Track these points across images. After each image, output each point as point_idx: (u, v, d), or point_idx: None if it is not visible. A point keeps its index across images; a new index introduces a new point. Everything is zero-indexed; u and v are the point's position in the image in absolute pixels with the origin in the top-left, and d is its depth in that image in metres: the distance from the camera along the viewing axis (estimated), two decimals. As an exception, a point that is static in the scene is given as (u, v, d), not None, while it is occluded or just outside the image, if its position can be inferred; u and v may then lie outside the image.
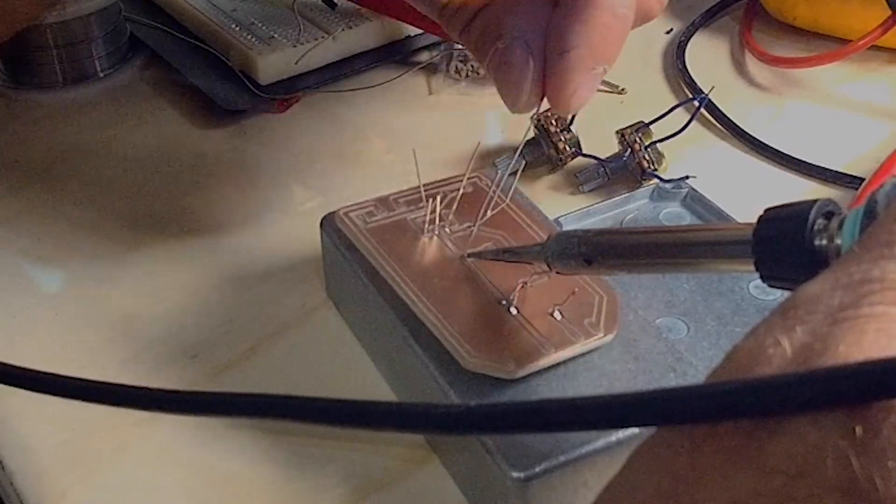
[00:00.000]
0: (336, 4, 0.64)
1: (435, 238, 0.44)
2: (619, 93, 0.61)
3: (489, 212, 0.45)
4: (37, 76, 0.63)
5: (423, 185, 0.45)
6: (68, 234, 0.53)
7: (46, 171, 0.57)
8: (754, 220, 0.46)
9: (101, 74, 0.64)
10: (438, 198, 0.44)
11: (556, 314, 0.40)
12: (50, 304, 0.48)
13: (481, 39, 0.41)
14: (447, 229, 0.44)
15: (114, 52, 0.64)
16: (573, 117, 0.54)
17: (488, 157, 0.56)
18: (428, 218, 0.44)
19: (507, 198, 0.45)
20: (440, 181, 0.47)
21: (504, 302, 0.41)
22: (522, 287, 0.41)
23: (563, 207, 0.51)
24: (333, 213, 0.47)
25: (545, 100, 0.39)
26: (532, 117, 0.54)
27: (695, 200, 0.52)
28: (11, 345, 0.46)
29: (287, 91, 0.60)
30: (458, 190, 0.46)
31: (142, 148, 0.58)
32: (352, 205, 0.46)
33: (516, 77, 0.39)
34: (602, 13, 0.39)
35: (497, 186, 0.45)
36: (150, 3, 0.67)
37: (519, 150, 0.48)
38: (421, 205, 0.45)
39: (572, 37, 0.39)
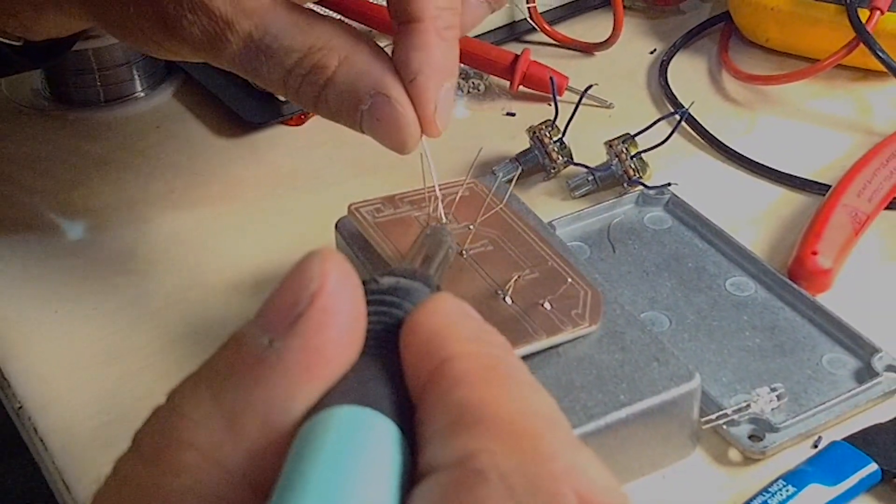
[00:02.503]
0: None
1: None
2: (607, 107, 0.61)
3: (486, 214, 0.45)
4: (79, 96, 0.63)
5: (427, 188, 0.45)
6: (103, 234, 0.52)
7: (85, 179, 0.57)
8: (734, 221, 0.46)
9: (140, 95, 0.63)
10: (439, 198, 0.44)
11: (546, 305, 0.40)
12: (87, 300, 0.48)
13: (340, 107, 0.40)
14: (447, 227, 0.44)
15: (152, 75, 0.64)
16: (565, 130, 0.54)
17: (488, 166, 0.55)
18: (430, 216, 0.44)
19: (502, 202, 0.45)
20: (442, 184, 0.46)
21: (499, 293, 0.41)
22: (516, 280, 0.41)
23: (557, 211, 0.51)
24: (347, 216, 0.47)
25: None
26: (528, 130, 0.54)
27: (676, 205, 0.51)
28: (51, 334, 0.46)
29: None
30: (457, 193, 0.46)
31: (172, 158, 0.58)
32: (361, 201, 0.46)
33: (395, 126, 0.39)
34: (429, 36, 0.39)
35: (493, 191, 0.45)
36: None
37: (475, 160, 0.47)
38: (424, 205, 0.45)
39: (413, 66, 0.39)
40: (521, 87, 0.62)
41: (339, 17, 0.62)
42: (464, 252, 0.43)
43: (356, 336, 0.22)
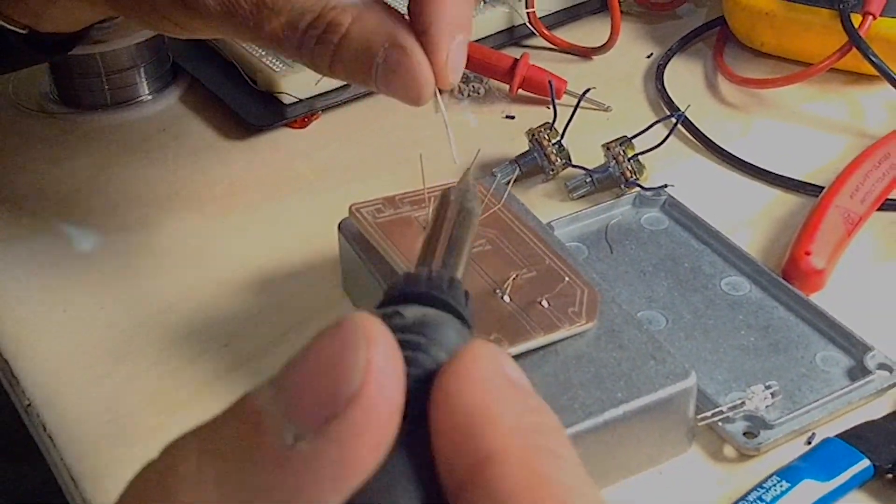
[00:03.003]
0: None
1: None
2: (605, 110, 0.61)
3: (484, 214, 0.44)
4: (86, 99, 0.62)
5: (427, 189, 0.45)
6: (111, 235, 0.52)
7: (92, 180, 0.57)
8: (729, 222, 0.46)
9: (147, 98, 0.63)
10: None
11: (544, 303, 0.40)
12: (94, 299, 0.48)
13: (355, 63, 0.39)
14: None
15: (158, 78, 0.64)
16: (564, 132, 0.54)
17: (487, 167, 0.55)
18: (430, 216, 0.44)
19: (499, 202, 0.45)
20: (440, 184, 0.46)
21: (498, 291, 0.41)
22: (514, 279, 0.41)
23: (555, 212, 0.51)
24: (349, 216, 0.47)
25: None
26: (527, 132, 0.54)
27: (672, 206, 0.51)
28: (59, 333, 0.46)
29: (307, 109, 0.60)
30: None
31: (178, 160, 0.58)
32: (362, 202, 0.46)
33: (410, 75, 0.39)
34: None
35: (492, 192, 0.45)
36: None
37: (473, 160, 0.47)
38: (423, 205, 0.45)
39: (425, 18, 0.39)
40: (520, 91, 0.62)
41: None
42: None
43: (394, 430, 0.19)
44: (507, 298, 0.40)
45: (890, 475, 0.38)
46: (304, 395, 0.19)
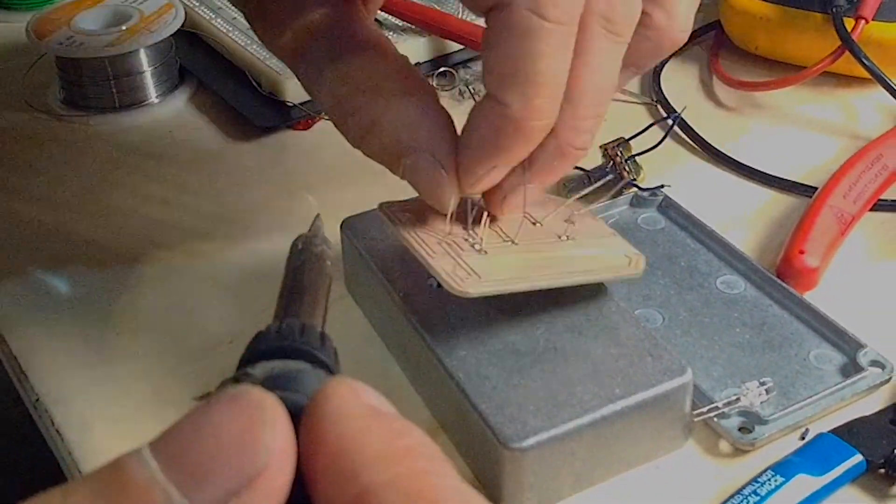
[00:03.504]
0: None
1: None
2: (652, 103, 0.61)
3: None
4: (93, 102, 0.62)
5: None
6: (117, 237, 0.52)
7: (100, 183, 0.57)
8: (724, 222, 0.46)
9: (155, 101, 0.63)
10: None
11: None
12: (101, 299, 0.48)
13: (384, 152, 0.37)
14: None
15: (165, 81, 0.64)
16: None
17: (488, 169, 0.55)
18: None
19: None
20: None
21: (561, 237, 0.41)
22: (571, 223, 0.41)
23: (554, 212, 0.51)
24: (352, 216, 0.47)
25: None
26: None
27: (669, 207, 0.51)
28: (67, 330, 0.46)
29: (311, 111, 0.60)
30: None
31: (185, 161, 0.58)
32: (392, 202, 0.42)
33: (432, 186, 0.36)
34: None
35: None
36: (197, 38, 0.66)
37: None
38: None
39: (464, 136, 0.36)
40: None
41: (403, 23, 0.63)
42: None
43: (284, 500, 0.19)
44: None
45: (882, 470, 0.38)
46: (204, 471, 0.18)
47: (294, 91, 0.60)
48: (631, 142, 0.53)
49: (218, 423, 0.19)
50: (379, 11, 0.65)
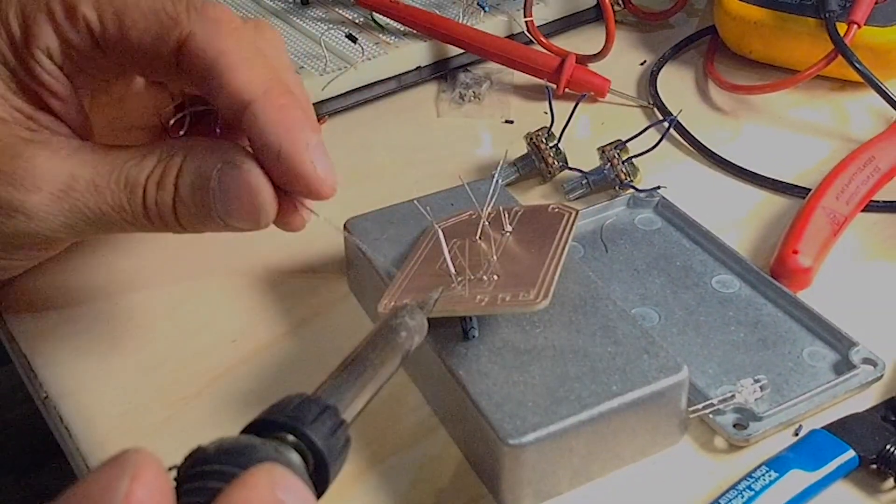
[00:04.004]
0: (357, 39, 0.64)
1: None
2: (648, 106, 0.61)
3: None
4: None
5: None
6: (122, 237, 0.52)
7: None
8: (719, 222, 0.45)
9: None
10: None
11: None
12: (108, 296, 0.48)
13: (195, 197, 0.38)
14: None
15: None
16: (561, 136, 0.54)
17: (487, 170, 0.56)
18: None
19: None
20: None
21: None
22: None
23: (552, 213, 0.51)
24: (355, 216, 0.47)
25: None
26: (526, 136, 0.54)
27: (665, 207, 0.51)
28: (75, 329, 0.46)
29: (315, 113, 0.60)
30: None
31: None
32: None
33: (246, 192, 0.37)
34: (271, 110, 0.37)
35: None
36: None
37: (503, 162, 0.47)
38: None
39: (271, 140, 0.37)
40: (518, 95, 0.62)
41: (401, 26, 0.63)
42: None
43: None
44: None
45: (874, 465, 0.38)
46: None
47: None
48: (628, 144, 0.53)
49: (89, 481, 0.21)
50: (381, 16, 0.65)
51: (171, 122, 0.45)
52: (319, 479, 0.25)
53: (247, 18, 0.41)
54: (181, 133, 0.45)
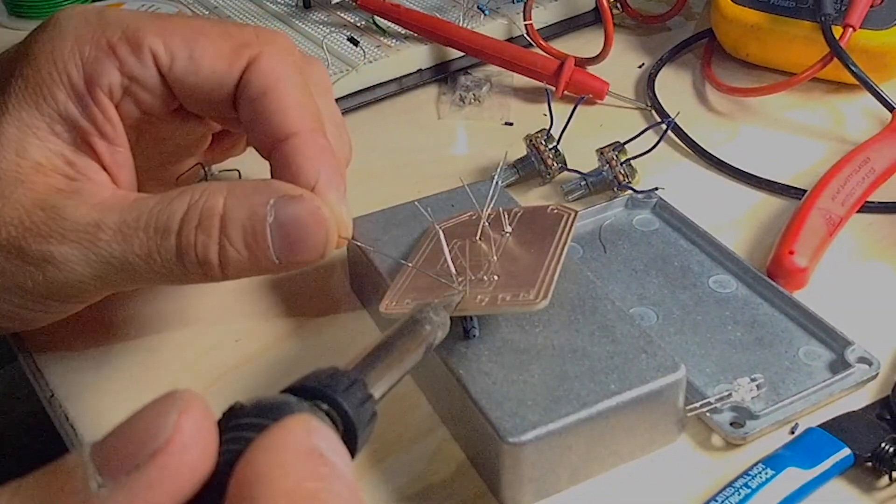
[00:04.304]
0: (358, 42, 0.64)
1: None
2: (647, 109, 0.61)
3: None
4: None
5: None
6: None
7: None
8: (716, 223, 0.45)
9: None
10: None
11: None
12: (114, 296, 0.48)
13: (246, 239, 0.36)
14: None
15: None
16: (560, 138, 0.54)
17: (487, 172, 0.56)
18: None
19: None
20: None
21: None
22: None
23: (551, 214, 0.51)
24: (357, 217, 0.47)
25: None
26: (525, 138, 0.54)
27: (663, 208, 0.51)
28: (81, 329, 0.46)
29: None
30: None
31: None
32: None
33: (310, 221, 0.36)
34: (316, 143, 0.37)
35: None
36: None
37: (502, 164, 0.47)
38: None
39: (309, 172, 0.36)
40: (517, 97, 0.62)
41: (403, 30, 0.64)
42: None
43: (191, 489, 0.21)
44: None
45: (869, 463, 0.38)
46: (115, 449, 0.21)
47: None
48: (626, 146, 0.53)
49: (140, 414, 0.21)
50: (383, 20, 0.65)
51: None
52: (347, 446, 0.26)
53: (302, 53, 0.41)
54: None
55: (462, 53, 0.65)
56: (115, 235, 0.36)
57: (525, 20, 0.65)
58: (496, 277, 0.40)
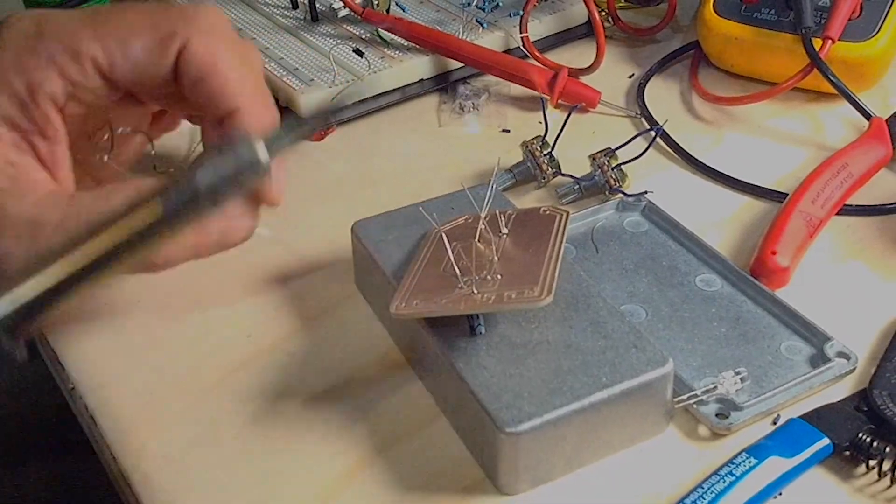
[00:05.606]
0: (363, 53, 0.64)
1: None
2: (634, 116, 0.61)
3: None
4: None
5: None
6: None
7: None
8: (703, 225, 0.45)
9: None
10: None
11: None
12: (132, 294, 0.48)
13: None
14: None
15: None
16: (554, 144, 0.54)
17: (485, 176, 0.56)
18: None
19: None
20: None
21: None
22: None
23: (546, 216, 0.51)
24: (362, 219, 0.47)
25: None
26: (522, 144, 0.54)
27: (652, 211, 0.51)
28: (100, 325, 0.46)
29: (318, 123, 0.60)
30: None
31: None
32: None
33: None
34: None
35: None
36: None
37: (497, 169, 0.47)
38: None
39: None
40: (511, 105, 0.62)
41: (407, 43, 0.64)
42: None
43: None
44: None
45: (847, 452, 0.38)
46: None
47: (307, 105, 0.60)
48: (617, 152, 0.53)
49: None
50: (386, 32, 0.65)
51: (109, 152, 0.45)
52: None
53: (233, 31, 0.43)
54: (107, 156, 0.45)
55: (462, 64, 0.65)
56: (55, 231, 0.37)
57: (521, 33, 0.65)
58: (499, 276, 0.40)
